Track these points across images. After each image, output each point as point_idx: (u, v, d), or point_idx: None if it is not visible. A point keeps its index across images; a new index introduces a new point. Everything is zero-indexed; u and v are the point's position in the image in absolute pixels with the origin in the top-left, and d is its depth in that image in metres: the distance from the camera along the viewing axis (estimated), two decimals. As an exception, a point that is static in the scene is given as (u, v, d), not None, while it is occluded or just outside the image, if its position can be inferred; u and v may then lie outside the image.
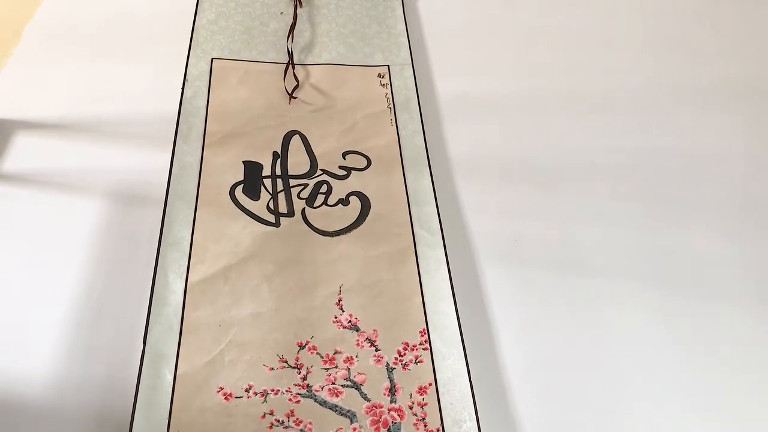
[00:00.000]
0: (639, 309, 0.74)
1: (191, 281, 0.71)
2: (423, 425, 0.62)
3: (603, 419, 0.65)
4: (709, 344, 0.72)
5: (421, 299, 0.72)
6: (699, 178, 0.89)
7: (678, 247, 0.81)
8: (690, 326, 0.73)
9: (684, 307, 0.75)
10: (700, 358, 0.71)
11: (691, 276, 0.78)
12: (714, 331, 0.73)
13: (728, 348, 0.72)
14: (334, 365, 0.66)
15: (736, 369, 0.70)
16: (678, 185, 0.88)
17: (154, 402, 0.62)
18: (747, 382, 0.69)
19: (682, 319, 0.74)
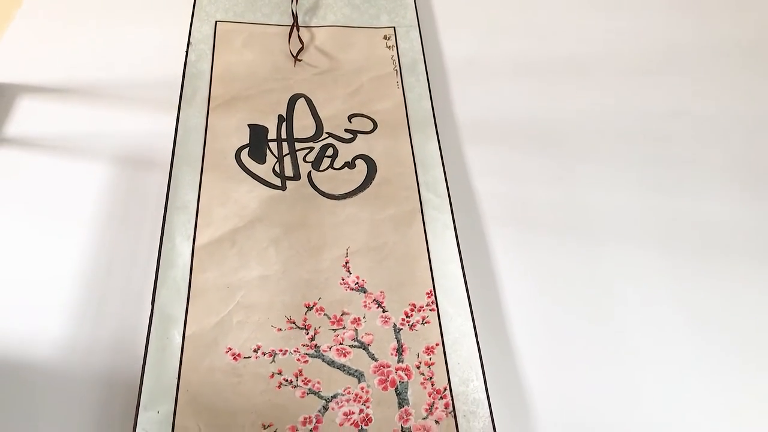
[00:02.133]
0: (648, 271, 0.74)
1: (198, 244, 0.71)
2: (430, 384, 0.63)
3: (610, 377, 0.66)
4: (719, 306, 0.72)
5: (428, 261, 0.72)
6: (708, 139, 0.88)
7: (687, 210, 0.80)
8: (699, 288, 0.73)
9: (693, 269, 0.74)
10: (709, 319, 0.70)
11: (699, 238, 0.77)
12: (723, 293, 0.73)
13: (737, 309, 0.71)
14: (341, 326, 0.67)
15: (746, 330, 0.70)
16: (687, 147, 0.87)
17: (163, 363, 0.62)
18: (758, 343, 0.69)
19: (690, 281, 0.73)
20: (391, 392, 0.62)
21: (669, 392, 0.65)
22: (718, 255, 0.76)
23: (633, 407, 0.64)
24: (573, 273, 0.73)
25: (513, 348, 0.67)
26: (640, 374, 0.66)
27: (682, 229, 0.78)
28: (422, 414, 0.61)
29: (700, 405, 0.65)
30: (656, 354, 0.67)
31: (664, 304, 0.71)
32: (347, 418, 0.60)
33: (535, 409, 0.63)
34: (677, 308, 0.71)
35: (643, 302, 0.71)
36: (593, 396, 0.64)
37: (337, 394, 0.62)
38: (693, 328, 0.70)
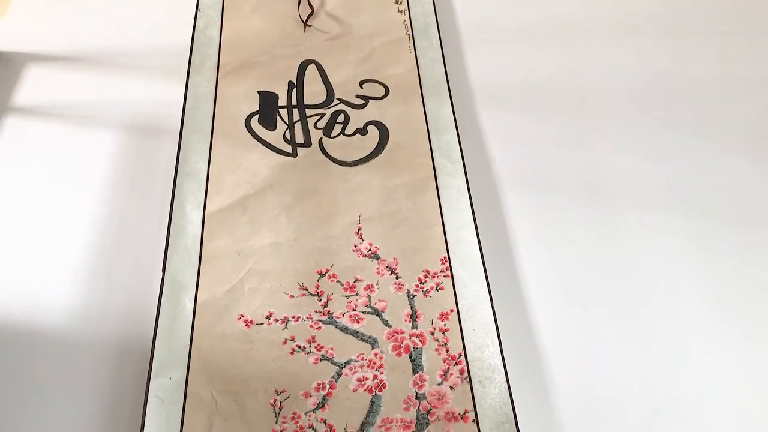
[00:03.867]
0: (665, 234, 0.72)
1: (209, 211, 0.70)
2: (445, 350, 0.62)
3: (627, 341, 0.64)
4: (737, 267, 0.70)
5: (442, 228, 0.71)
6: (725, 102, 0.85)
7: (704, 172, 0.78)
8: (717, 250, 0.71)
9: (711, 231, 0.72)
10: (727, 280, 0.69)
11: (717, 201, 0.75)
12: (742, 255, 0.71)
13: (756, 272, 0.70)
14: (354, 293, 0.66)
15: (765, 293, 0.68)
16: (704, 110, 0.84)
17: (175, 329, 0.62)
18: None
19: (708, 242, 0.71)
20: (405, 358, 0.61)
21: (685, 358, 0.64)
22: (737, 217, 0.74)
23: (649, 373, 0.63)
24: (589, 237, 0.71)
25: (529, 313, 0.66)
26: (659, 339, 0.65)
27: (701, 191, 0.76)
28: (437, 380, 0.60)
29: (715, 367, 0.63)
30: (674, 318, 0.66)
31: (680, 266, 0.70)
32: (361, 384, 0.59)
33: (551, 374, 0.62)
34: (694, 270, 0.69)
35: (660, 266, 0.69)
36: (609, 361, 0.63)
37: (350, 360, 0.61)
38: (710, 289, 0.68)
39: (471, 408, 0.58)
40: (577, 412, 0.60)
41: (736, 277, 0.69)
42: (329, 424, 0.57)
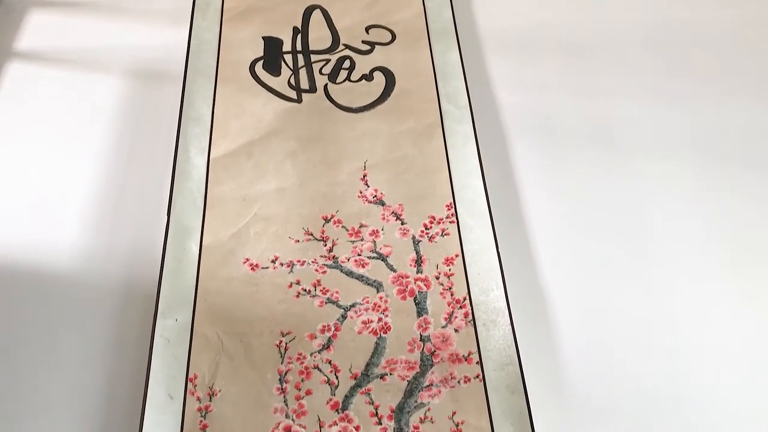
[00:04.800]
0: (673, 181, 0.71)
1: (213, 156, 0.70)
2: (449, 294, 0.62)
3: (632, 285, 0.64)
4: (747, 217, 0.69)
5: (448, 174, 0.70)
6: (739, 48, 0.83)
7: (714, 118, 0.76)
8: (727, 198, 0.70)
9: (721, 179, 0.72)
10: (737, 230, 0.68)
11: (728, 146, 0.74)
12: (752, 204, 0.70)
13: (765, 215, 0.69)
14: (359, 238, 0.66)
15: (775, 241, 0.68)
16: (716, 56, 0.82)
17: (181, 272, 0.62)
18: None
19: (719, 191, 0.71)
20: (409, 302, 0.61)
21: (693, 304, 0.63)
22: (747, 162, 0.73)
23: (655, 319, 0.62)
24: (596, 184, 0.71)
25: (534, 258, 0.65)
26: (664, 285, 0.64)
27: (711, 137, 0.75)
28: (441, 323, 0.60)
29: (721, 311, 0.63)
30: (681, 265, 0.66)
31: (690, 214, 0.69)
32: (366, 327, 0.60)
33: (555, 317, 0.62)
34: (704, 218, 0.69)
35: (668, 212, 0.69)
36: (614, 305, 0.63)
37: (355, 303, 0.61)
38: (719, 238, 0.68)
39: (475, 350, 0.58)
40: (580, 354, 0.60)
41: (744, 221, 0.68)
42: (334, 365, 0.57)
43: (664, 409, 0.58)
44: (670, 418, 0.57)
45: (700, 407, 0.58)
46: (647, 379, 0.59)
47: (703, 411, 0.58)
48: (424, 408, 0.55)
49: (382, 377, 0.57)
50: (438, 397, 0.56)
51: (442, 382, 0.57)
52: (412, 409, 0.55)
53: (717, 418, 0.57)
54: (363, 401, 0.56)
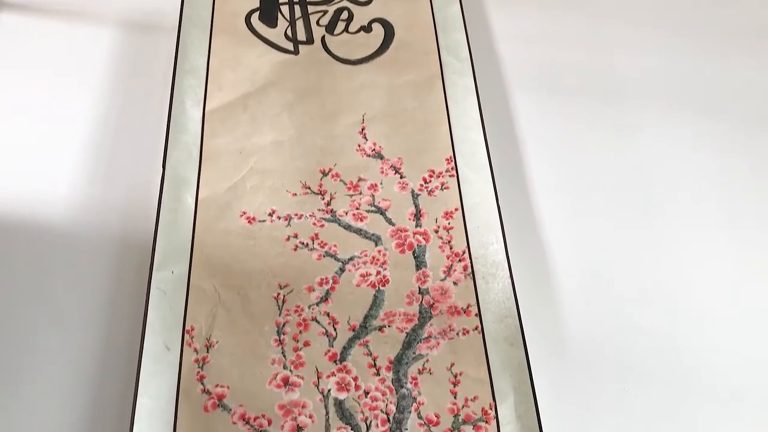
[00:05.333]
0: (679, 135, 0.70)
1: (209, 109, 0.69)
2: (449, 247, 0.61)
3: (635, 240, 0.64)
4: (753, 171, 0.68)
5: (448, 128, 0.69)
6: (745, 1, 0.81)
7: (720, 73, 0.75)
8: (734, 152, 0.69)
9: (728, 134, 0.70)
10: (743, 185, 0.67)
11: (733, 102, 0.73)
12: (761, 155, 0.69)
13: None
14: (358, 192, 0.65)
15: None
16: (722, 9, 0.80)
17: (176, 224, 0.61)
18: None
19: (726, 144, 0.70)
20: (408, 255, 0.61)
21: (695, 255, 0.63)
22: (752, 118, 0.71)
23: (656, 270, 0.62)
24: (599, 138, 0.70)
25: (534, 211, 0.65)
26: (666, 236, 0.64)
27: (717, 92, 0.73)
28: (440, 276, 0.59)
29: (727, 266, 0.63)
30: (683, 217, 0.65)
31: (694, 167, 0.68)
32: (364, 279, 0.59)
33: (555, 270, 0.62)
34: (709, 173, 0.68)
35: (671, 165, 0.68)
36: (614, 257, 0.63)
37: (353, 256, 0.60)
38: (726, 192, 0.67)
39: (474, 303, 0.58)
40: (580, 306, 0.60)
41: (748, 174, 0.67)
42: (332, 317, 0.57)
43: (664, 360, 0.57)
44: (670, 369, 0.57)
45: (701, 358, 0.58)
46: (647, 332, 0.59)
47: (704, 362, 0.57)
48: (423, 359, 0.55)
49: (380, 329, 0.57)
50: (436, 349, 0.56)
51: (440, 334, 0.56)
52: (411, 361, 0.55)
53: (718, 369, 0.57)
54: (361, 353, 0.55)
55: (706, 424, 0.55)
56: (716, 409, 0.55)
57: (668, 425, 0.54)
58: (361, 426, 0.52)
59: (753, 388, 0.56)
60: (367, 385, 0.54)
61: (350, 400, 0.53)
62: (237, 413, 0.52)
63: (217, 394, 0.53)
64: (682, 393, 0.56)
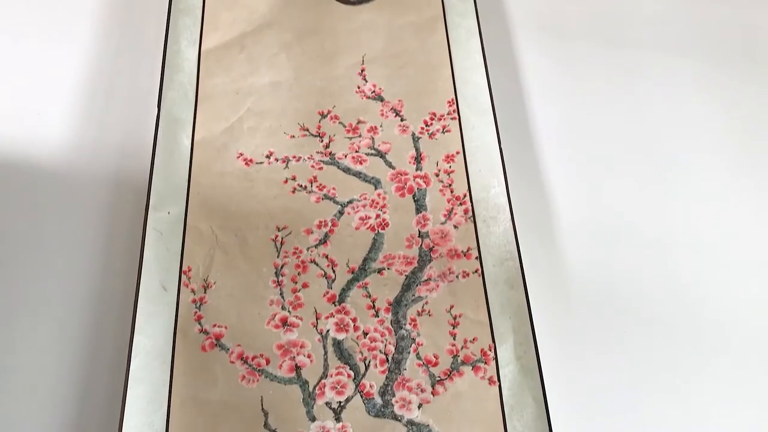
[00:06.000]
0: (686, 82, 0.69)
1: (205, 49, 0.67)
2: (449, 191, 0.60)
3: (638, 184, 0.63)
4: (760, 115, 0.67)
5: (450, 70, 0.67)
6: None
7: (729, 19, 0.73)
8: (740, 96, 0.68)
9: (734, 76, 0.69)
10: (750, 129, 0.66)
11: (743, 50, 0.71)
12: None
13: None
14: (357, 134, 0.63)
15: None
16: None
17: (172, 165, 0.60)
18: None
19: (731, 88, 0.68)
20: (408, 199, 0.60)
21: (700, 201, 0.62)
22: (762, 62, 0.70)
23: (659, 214, 0.61)
24: (604, 82, 0.68)
25: (538, 156, 0.64)
26: (670, 181, 0.63)
27: (727, 39, 0.71)
28: (440, 219, 0.58)
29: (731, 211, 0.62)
30: (688, 162, 0.64)
31: (701, 111, 0.67)
32: (363, 222, 0.58)
33: (557, 214, 0.61)
34: (715, 116, 0.66)
35: (677, 111, 0.67)
36: (617, 201, 0.62)
37: (352, 199, 0.60)
38: (731, 135, 0.66)
39: (474, 246, 0.57)
40: (582, 250, 0.59)
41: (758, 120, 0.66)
42: (331, 259, 0.56)
43: (666, 304, 0.57)
44: (672, 313, 0.57)
45: (704, 303, 0.57)
46: (649, 275, 0.58)
47: (707, 307, 0.57)
48: (422, 301, 0.55)
49: (379, 272, 0.56)
50: (436, 292, 0.55)
51: (440, 277, 0.56)
52: (410, 303, 0.55)
53: (721, 314, 0.57)
54: (360, 295, 0.55)
55: (708, 368, 0.55)
56: (718, 353, 0.55)
57: (669, 369, 0.54)
58: (359, 366, 0.52)
59: (756, 333, 0.56)
60: (365, 326, 0.53)
61: (349, 341, 0.53)
62: (235, 353, 0.52)
63: (214, 334, 0.52)
64: (685, 337, 0.56)
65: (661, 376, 0.54)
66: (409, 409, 0.50)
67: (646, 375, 0.54)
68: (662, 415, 0.53)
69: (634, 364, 0.55)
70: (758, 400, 0.53)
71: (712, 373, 0.54)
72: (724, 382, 0.54)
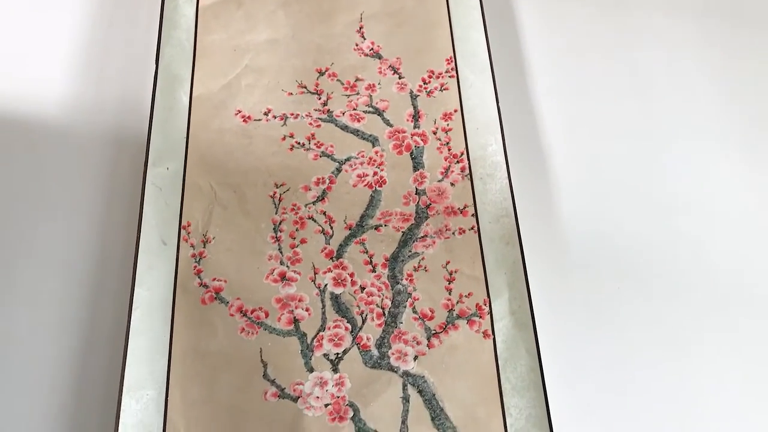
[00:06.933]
0: (686, 39, 0.68)
1: (202, 5, 0.67)
2: (447, 149, 0.60)
3: (633, 140, 0.63)
4: (753, 78, 0.67)
5: (449, 28, 0.67)
6: None
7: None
8: (733, 58, 0.68)
9: (727, 38, 0.69)
10: (743, 91, 0.66)
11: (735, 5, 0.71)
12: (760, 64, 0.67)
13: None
14: (355, 92, 0.63)
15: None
16: None
17: (171, 121, 0.60)
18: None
19: (724, 49, 0.68)
20: (405, 156, 0.60)
21: (695, 159, 0.63)
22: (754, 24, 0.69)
23: (655, 173, 0.62)
24: (601, 40, 0.68)
25: (535, 114, 0.64)
26: (667, 139, 0.64)
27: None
28: (437, 177, 0.59)
29: (726, 171, 0.62)
30: (684, 120, 0.64)
31: (695, 68, 0.67)
32: (361, 180, 0.59)
33: (554, 172, 0.61)
34: (709, 79, 0.67)
35: (673, 67, 0.67)
36: (614, 161, 0.62)
37: (350, 157, 0.60)
38: (724, 94, 0.66)
39: (471, 203, 0.58)
40: (577, 207, 0.60)
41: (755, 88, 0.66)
42: (329, 216, 0.57)
43: (660, 261, 0.58)
44: (666, 270, 0.57)
45: (699, 259, 0.58)
46: (644, 233, 0.59)
47: (701, 263, 0.58)
48: (418, 257, 0.55)
49: (376, 228, 0.57)
50: (432, 248, 0.56)
51: (436, 234, 0.56)
52: (406, 258, 0.55)
53: (716, 271, 0.58)
54: (357, 250, 0.56)
55: (701, 323, 0.56)
56: (711, 309, 0.56)
57: (662, 323, 0.55)
58: (356, 319, 0.53)
59: (750, 289, 0.57)
60: (363, 281, 0.54)
61: (346, 295, 0.54)
62: (234, 306, 0.52)
63: (214, 288, 0.53)
64: (678, 293, 0.57)
65: (654, 331, 0.55)
66: (405, 361, 0.51)
67: (639, 330, 0.55)
68: (654, 368, 0.54)
69: (627, 318, 0.56)
70: (751, 354, 0.54)
71: (706, 329, 0.55)
72: (717, 338, 0.55)
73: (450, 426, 0.48)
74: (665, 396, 0.52)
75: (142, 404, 0.48)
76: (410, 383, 0.50)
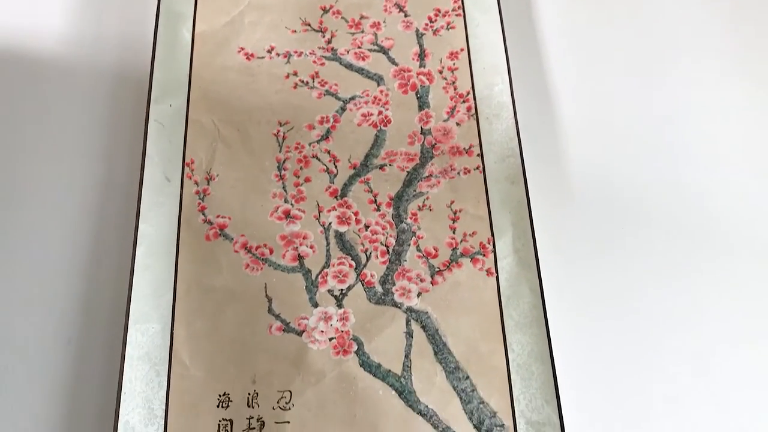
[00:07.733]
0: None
1: (203, -61, 0.65)
2: (453, 88, 0.60)
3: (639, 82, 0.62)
4: None
5: (456, -35, 0.65)
6: None
7: None
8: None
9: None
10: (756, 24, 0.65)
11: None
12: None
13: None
14: (360, 30, 0.62)
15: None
16: None
17: (173, 58, 0.59)
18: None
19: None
20: (411, 96, 0.59)
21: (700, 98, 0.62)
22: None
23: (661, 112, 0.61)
24: None
25: (542, 54, 0.63)
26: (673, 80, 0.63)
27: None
28: (443, 116, 0.58)
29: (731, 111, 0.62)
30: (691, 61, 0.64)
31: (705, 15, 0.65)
32: (365, 119, 0.58)
33: (560, 113, 0.61)
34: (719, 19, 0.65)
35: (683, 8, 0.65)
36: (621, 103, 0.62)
37: (355, 96, 0.59)
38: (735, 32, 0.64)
39: (476, 143, 0.57)
40: (583, 148, 0.59)
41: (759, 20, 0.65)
42: (333, 155, 0.57)
43: (664, 201, 0.58)
44: (670, 209, 0.57)
45: (705, 204, 0.58)
46: (649, 173, 0.59)
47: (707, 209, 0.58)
48: (423, 197, 0.55)
49: (381, 167, 0.56)
50: (437, 187, 0.56)
51: (441, 173, 0.56)
52: (411, 198, 0.55)
53: (723, 217, 0.57)
54: (362, 189, 0.55)
55: (707, 266, 0.56)
56: (718, 252, 0.56)
57: (667, 262, 0.55)
58: (361, 257, 0.53)
59: (756, 232, 0.57)
60: (367, 219, 0.54)
61: (350, 233, 0.54)
62: (239, 242, 0.52)
63: (218, 224, 0.53)
64: (684, 234, 0.56)
65: (659, 272, 0.55)
66: (409, 297, 0.51)
67: (641, 268, 0.55)
68: (659, 307, 0.54)
69: (630, 257, 0.56)
70: (756, 298, 0.55)
71: (711, 271, 0.55)
72: (718, 271, 0.55)
73: (452, 360, 0.49)
74: (667, 331, 0.53)
75: (147, 337, 0.49)
76: (414, 319, 0.50)
